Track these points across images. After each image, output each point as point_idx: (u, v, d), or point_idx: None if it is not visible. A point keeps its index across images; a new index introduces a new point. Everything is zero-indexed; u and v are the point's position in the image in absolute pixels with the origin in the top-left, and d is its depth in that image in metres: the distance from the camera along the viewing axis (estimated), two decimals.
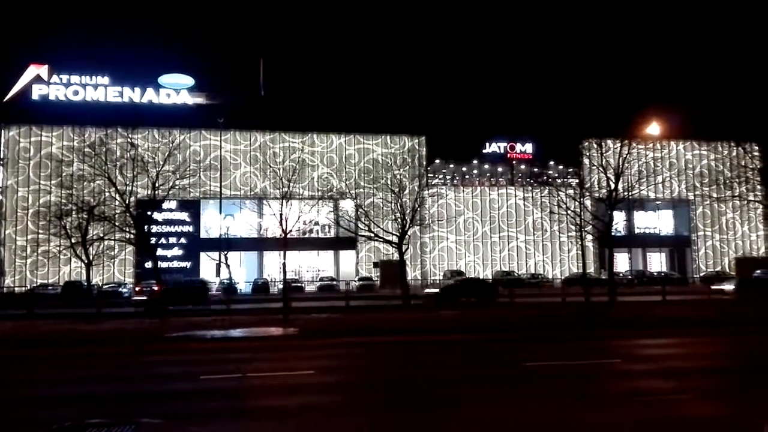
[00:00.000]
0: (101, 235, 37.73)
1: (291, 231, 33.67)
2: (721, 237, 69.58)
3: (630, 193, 35.13)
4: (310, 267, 65.20)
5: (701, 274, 63.95)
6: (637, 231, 68.00)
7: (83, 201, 37.59)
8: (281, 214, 32.69)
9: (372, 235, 38.48)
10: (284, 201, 33.35)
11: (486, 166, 70.98)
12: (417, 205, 38.39)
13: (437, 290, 39.09)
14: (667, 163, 66.93)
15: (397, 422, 9.05)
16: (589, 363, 13.92)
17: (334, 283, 55.96)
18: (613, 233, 35.77)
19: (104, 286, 51.09)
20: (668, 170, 64.74)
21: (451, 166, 70.31)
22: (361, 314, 28.32)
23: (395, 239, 37.02)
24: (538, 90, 73.13)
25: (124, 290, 52.01)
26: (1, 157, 58.00)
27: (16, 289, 53.47)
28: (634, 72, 77.91)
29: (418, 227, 44.37)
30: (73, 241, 38.85)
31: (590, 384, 11.54)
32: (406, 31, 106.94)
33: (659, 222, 72.27)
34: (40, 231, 46.63)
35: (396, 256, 40.83)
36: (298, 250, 57.63)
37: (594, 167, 36.17)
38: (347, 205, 56.47)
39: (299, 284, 54.21)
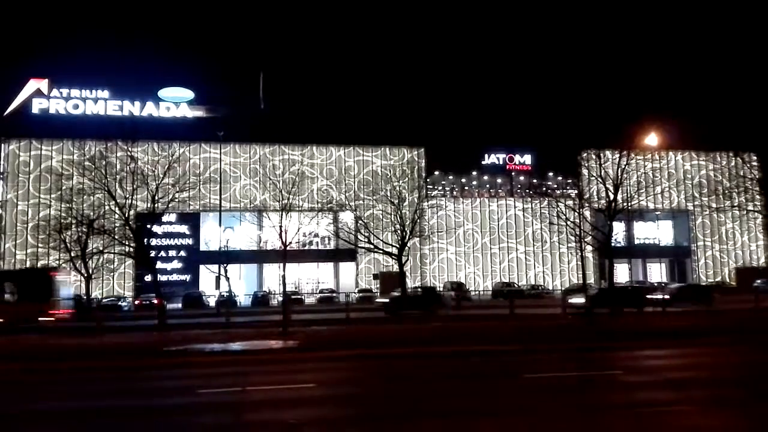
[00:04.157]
0: (101, 248, 37.70)
1: (291, 243, 33.64)
2: (720, 247, 69.58)
3: (629, 204, 35.16)
4: (310, 279, 65.14)
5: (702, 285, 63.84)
6: (636, 241, 67.98)
7: (83, 214, 37.62)
8: (281, 227, 32.66)
9: (372, 246, 38.45)
10: (284, 213, 33.35)
11: (485, 178, 71.07)
12: (416, 217, 38.40)
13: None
14: (666, 173, 67.12)
15: None
16: (590, 374, 13.83)
17: (334, 295, 55.86)
18: (612, 244, 35.73)
19: (103, 300, 50.98)
20: (667, 181, 64.95)
21: (451, 177, 70.42)
22: (362, 326, 28.19)
23: (395, 251, 36.98)
24: (536, 101, 73.44)
25: (124, 304, 51.93)
26: (1, 171, 58.11)
27: None
28: (633, 83, 78.22)
29: (418, 239, 44.36)
30: (72, 254, 38.81)
31: (591, 396, 11.47)
32: (405, 43, 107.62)
33: (659, 232, 72.30)
34: (40, 245, 46.60)
35: (396, 268, 40.78)
36: (297, 263, 57.66)
37: (593, 178, 36.20)
38: (347, 217, 56.49)
39: (299, 296, 54.13)
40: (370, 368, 16.00)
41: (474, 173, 70.73)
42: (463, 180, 71.29)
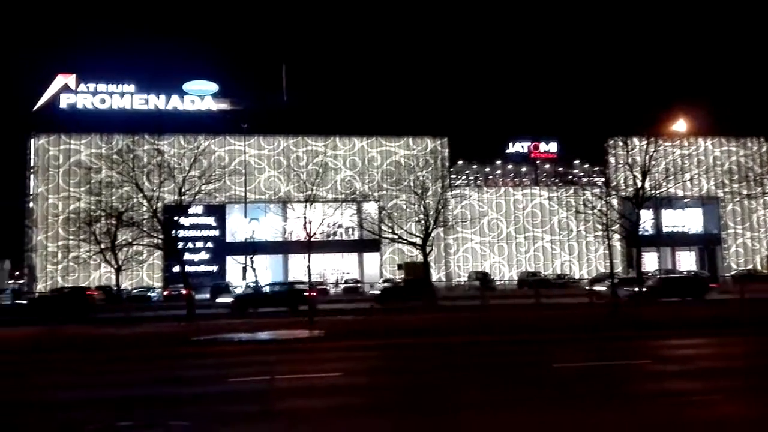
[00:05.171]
0: (130, 240, 38.24)
1: (315, 234, 33.79)
2: (752, 234, 68.09)
3: (657, 192, 34.51)
4: (335, 269, 65.40)
5: (732, 273, 62.61)
6: (665, 229, 66.89)
7: (112, 207, 38.14)
8: (305, 218, 32.83)
9: (395, 237, 38.44)
10: (308, 204, 33.53)
11: (509, 167, 70.49)
12: (440, 207, 38.26)
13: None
14: (695, 160, 65.55)
15: (424, 426, 9.01)
16: (618, 364, 13.70)
17: (359, 285, 56.01)
18: (640, 232, 35.20)
19: (133, 291, 51.85)
20: (696, 167, 63.41)
21: (474, 166, 69.98)
22: (387, 316, 28.28)
23: (419, 241, 36.91)
24: (561, 88, 72.51)
25: (153, 294, 52.79)
26: (32, 165, 59.28)
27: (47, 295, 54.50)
28: (660, 68, 76.74)
29: (442, 229, 44.27)
30: (102, 246, 39.44)
31: (621, 385, 11.36)
32: (428, 32, 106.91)
33: (688, 220, 71.03)
34: (70, 237, 47.48)
35: (420, 258, 40.73)
36: (322, 253, 57.86)
37: (620, 165, 35.61)
38: (370, 208, 56.62)
39: (324, 287, 54.34)
40: (395, 357, 16.06)
41: (498, 162, 70.16)
42: (487, 169, 70.77)
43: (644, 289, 33.40)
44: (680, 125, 46.22)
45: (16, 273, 67.73)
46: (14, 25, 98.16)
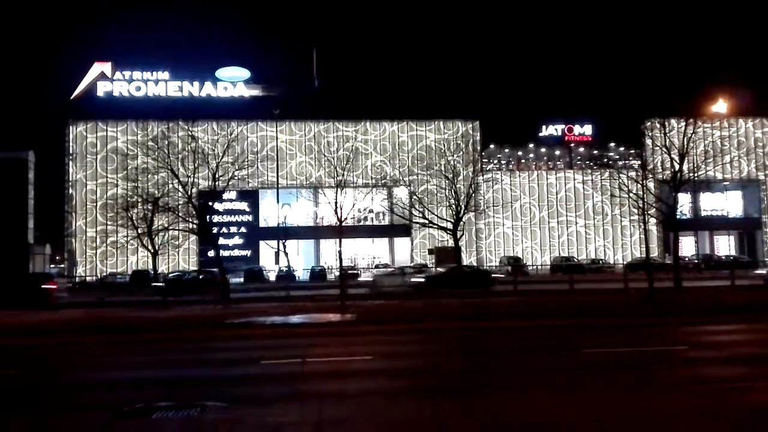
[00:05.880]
0: (166, 225, 39.02)
1: (346, 219, 33.93)
2: None
3: (696, 174, 33.69)
4: (366, 254, 65.69)
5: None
6: (703, 213, 65.38)
7: (148, 193, 38.92)
8: (336, 203, 33.00)
9: (426, 221, 38.33)
10: (339, 189, 33.67)
11: (542, 150, 69.52)
12: (471, 191, 37.97)
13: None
14: (735, 141, 63.82)
15: (455, 408, 9.02)
16: (653, 350, 13.50)
17: (390, 270, 56.15)
18: (678, 216, 34.48)
19: (170, 275, 52.96)
20: (737, 149, 61.72)
21: (506, 150, 69.21)
22: (417, 300, 28.28)
23: (450, 226, 36.76)
24: (596, 69, 70.89)
25: (189, 278, 53.83)
26: (70, 152, 60.77)
27: (87, 278, 56.12)
28: (699, 46, 74.39)
29: (473, 213, 43.93)
30: (139, 231, 40.37)
31: (656, 371, 11.19)
32: (460, 14, 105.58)
33: (727, 203, 69.22)
34: (108, 222, 48.68)
35: (451, 243, 40.59)
36: (353, 238, 58.18)
37: (657, 148, 34.78)
38: (401, 193, 56.57)
39: (355, 271, 54.68)
40: (426, 341, 16.10)
41: (531, 145, 69.26)
42: (520, 153, 69.94)
43: (422, 280, 32.62)
44: (720, 106, 44.85)
45: (57, 257, 69.82)
46: (52, 16, 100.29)
